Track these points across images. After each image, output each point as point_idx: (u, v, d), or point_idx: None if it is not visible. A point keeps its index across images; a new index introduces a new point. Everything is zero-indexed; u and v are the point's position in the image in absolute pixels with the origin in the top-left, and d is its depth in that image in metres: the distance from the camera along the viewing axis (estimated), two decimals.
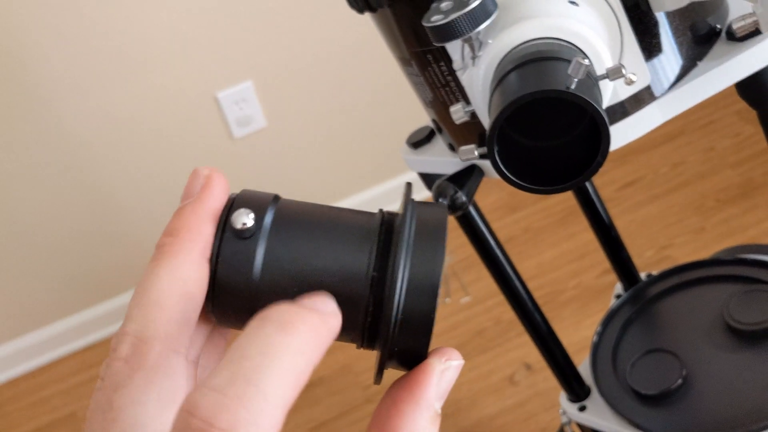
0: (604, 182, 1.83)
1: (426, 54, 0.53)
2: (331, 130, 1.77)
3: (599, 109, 0.36)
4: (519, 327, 0.95)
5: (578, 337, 1.57)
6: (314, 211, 0.29)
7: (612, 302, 0.86)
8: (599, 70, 0.42)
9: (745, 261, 0.79)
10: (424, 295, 0.26)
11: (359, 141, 1.80)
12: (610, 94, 0.45)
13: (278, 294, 0.27)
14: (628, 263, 0.85)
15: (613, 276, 1.02)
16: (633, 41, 0.48)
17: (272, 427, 0.21)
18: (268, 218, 0.28)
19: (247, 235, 0.27)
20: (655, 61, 0.50)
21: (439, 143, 0.63)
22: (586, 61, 0.36)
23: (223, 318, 0.28)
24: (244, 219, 0.27)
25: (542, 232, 1.78)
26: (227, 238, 0.27)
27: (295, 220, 0.28)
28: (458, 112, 0.46)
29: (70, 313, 1.76)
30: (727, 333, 0.75)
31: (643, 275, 0.88)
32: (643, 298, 0.83)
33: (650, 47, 0.50)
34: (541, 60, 0.40)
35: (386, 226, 0.28)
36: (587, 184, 0.81)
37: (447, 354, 0.27)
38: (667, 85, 0.51)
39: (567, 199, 1.78)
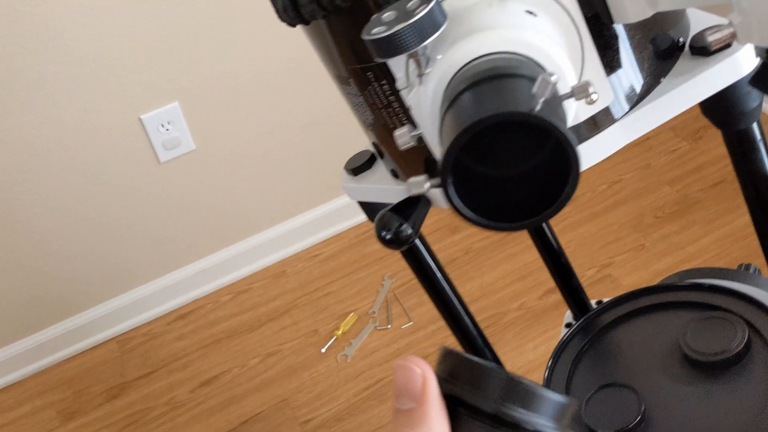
0: None
1: (366, 71, 0.47)
2: (264, 153, 1.70)
3: (567, 135, 0.31)
4: None
5: (523, 360, 1.54)
6: None
7: (562, 332, 0.81)
8: (562, 89, 0.37)
9: (700, 286, 0.76)
10: None
11: (293, 164, 1.73)
12: (572, 115, 0.40)
13: None
14: (578, 291, 0.81)
15: (556, 296, 0.99)
16: (595, 56, 0.43)
17: None
18: None
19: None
20: (616, 77, 0.46)
21: (381, 169, 0.58)
22: (554, 78, 0.31)
23: None
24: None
25: (483, 252, 1.74)
26: None
27: None
28: (404, 137, 0.40)
29: None
30: (685, 364, 0.71)
31: (593, 302, 0.84)
32: (594, 328, 0.78)
33: (611, 63, 0.45)
34: (498, 77, 0.35)
35: None
36: None
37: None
38: (629, 104, 0.46)
39: None
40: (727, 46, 0.43)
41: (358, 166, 0.58)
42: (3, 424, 1.61)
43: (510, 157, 0.35)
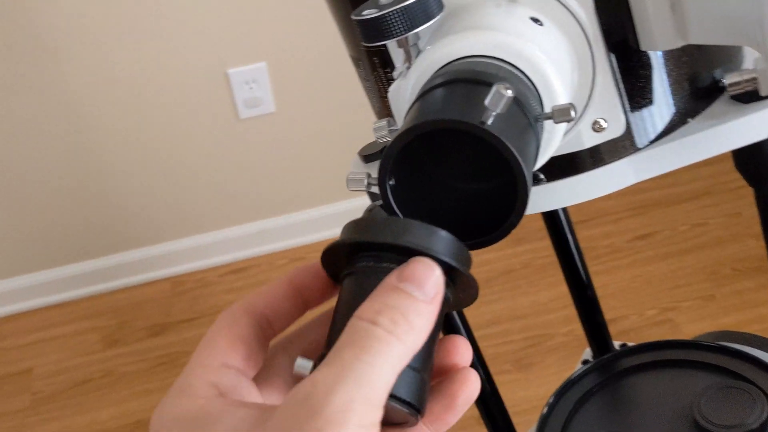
0: (616, 230, 1.73)
1: (372, 55, 0.45)
2: (343, 128, 1.69)
3: (516, 155, 0.28)
4: None
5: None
6: None
7: (577, 368, 0.77)
8: (547, 108, 0.34)
9: (728, 350, 0.70)
10: None
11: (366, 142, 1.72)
12: (562, 138, 0.36)
13: None
14: (601, 328, 0.76)
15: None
16: (608, 80, 0.39)
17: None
18: None
19: None
20: (637, 108, 0.42)
21: None
22: (509, 92, 0.28)
23: None
24: None
25: (543, 270, 1.68)
26: None
27: None
28: (381, 130, 0.38)
29: (35, 270, 1.71)
30: (694, 431, 0.66)
31: (617, 344, 0.79)
32: (609, 371, 0.74)
33: (634, 91, 0.41)
34: (471, 82, 0.32)
35: None
36: (568, 233, 0.72)
37: None
38: (645, 140, 0.42)
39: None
40: (756, 94, 0.39)
41: (371, 154, 0.56)
42: (50, 338, 1.68)
43: (463, 170, 0.32)
